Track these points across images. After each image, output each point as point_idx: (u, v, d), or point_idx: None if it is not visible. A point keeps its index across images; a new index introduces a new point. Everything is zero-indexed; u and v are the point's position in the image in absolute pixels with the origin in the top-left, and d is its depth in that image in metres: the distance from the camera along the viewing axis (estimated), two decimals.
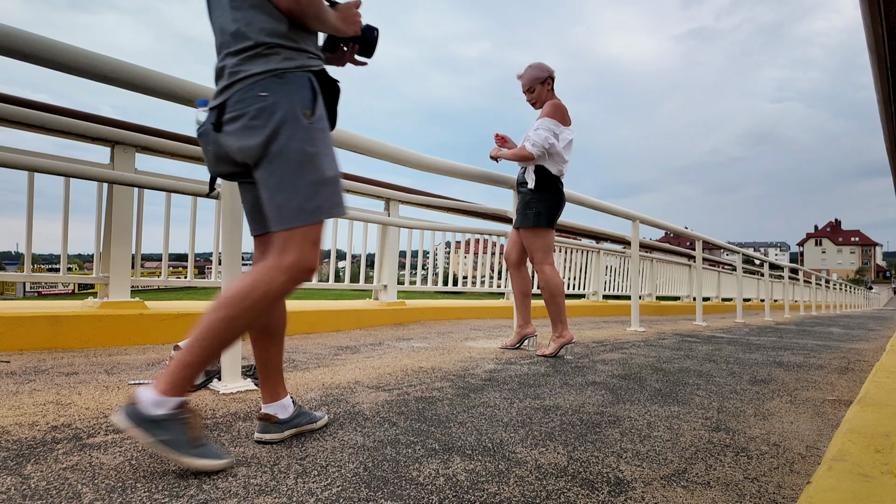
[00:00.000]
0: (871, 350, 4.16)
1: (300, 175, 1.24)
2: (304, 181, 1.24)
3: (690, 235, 6.55)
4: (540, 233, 3.06)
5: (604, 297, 7.65)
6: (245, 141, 1.25)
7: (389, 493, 1.11)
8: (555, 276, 3.05)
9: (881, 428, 1.26)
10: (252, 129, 1.24)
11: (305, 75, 1.28)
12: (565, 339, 3.04)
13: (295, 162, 1.24)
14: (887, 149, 7.53)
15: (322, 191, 1.26)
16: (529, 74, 3.08)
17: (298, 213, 1.24)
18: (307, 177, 1.25)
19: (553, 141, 2.97)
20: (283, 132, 1.23)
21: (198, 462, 1.16)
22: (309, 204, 1.25)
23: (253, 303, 1.21)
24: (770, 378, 2.62)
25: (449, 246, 5.54)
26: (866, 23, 4.16)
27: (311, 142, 1.25)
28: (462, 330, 4.29)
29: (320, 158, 1.26)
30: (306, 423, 1.51)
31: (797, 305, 13.96)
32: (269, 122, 1.23)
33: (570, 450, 1.42)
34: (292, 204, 1.24)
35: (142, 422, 1.14)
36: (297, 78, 1.27)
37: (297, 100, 1.25)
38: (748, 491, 1.19)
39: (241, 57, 1.26)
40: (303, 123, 1.25)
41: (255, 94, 1.24)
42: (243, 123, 1.25)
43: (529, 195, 3.06)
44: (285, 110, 1.23)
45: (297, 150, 1.24)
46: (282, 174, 1.24)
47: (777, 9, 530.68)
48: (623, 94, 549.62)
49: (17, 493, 1.05)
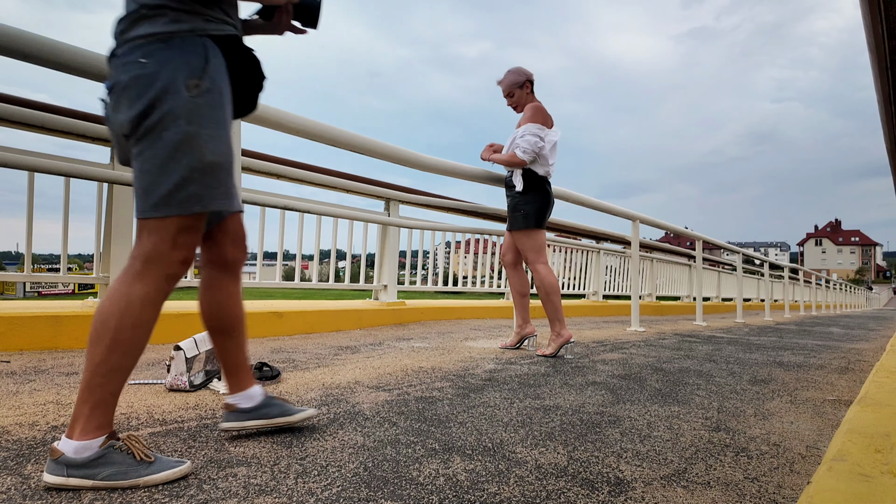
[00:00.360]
0: (871, 350, 4.16)
1: (174, 157, 1.08)
2: (178, 165, 1.08)
3: (690, 235, 6.55)
4: (530, 234, 3.09)
5: (604, 297, 7.65)
6: (120, 114, 1.10)
7: (389, 493, 1.11)
8: (549, 275, 3.08)
9: (881, 428, 1.26)
10: (127, 101, 1.09)
11: (199, 40, 1.11)
12: (564, 338, 3.05)
13: (169, 141, 1.07)
14: (887, 148, 7.53)
15: (201, 178, 1.10)
16: (508, 80, 3.13)
17: (167, 201, 1.09)
18: (182, 160, 1.08)
19: (542, 144, 3.00)
20: (159, 106, 1.07)
21: (156, 477, 1.10)
22: (181, 192, 1.09)
23: (116, 327, 1.08)
24: (770, 378, 2.62)
25: (449, 246, 5.54)
26: (866, 23, 4.16)
27: (191, 119, 1.09)
28: (462, 330, 4.29)
29: (202, 140, 1.10)
30: (278, 414, 1.41)
31: (797, 305, 13.95)
32: (144, 93, 1.07)
33: (570, 450, 1.42)
34: (160, 189, 1.08)
35: (77, 468, 1.05)
36: (185, 43, 1.10)
37: (181, 68, 1.08)
38: (748, 491, 1.19)
39: (127, 22, 1.11)
40: (183, 96, 1.08)
41: (133, 59, 1.08)
42: (119, 94, 1.10)
43: (517, 198, 3.10)
44: (165, 80, 1.07)
45: (172, 127, 1.07)
46: (153, 154, 1.08)
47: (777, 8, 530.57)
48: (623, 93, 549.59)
49: (17, 493, 1.05)
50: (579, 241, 7.19)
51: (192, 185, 1.10)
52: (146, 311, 1.11)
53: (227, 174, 1.15)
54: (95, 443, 1.08)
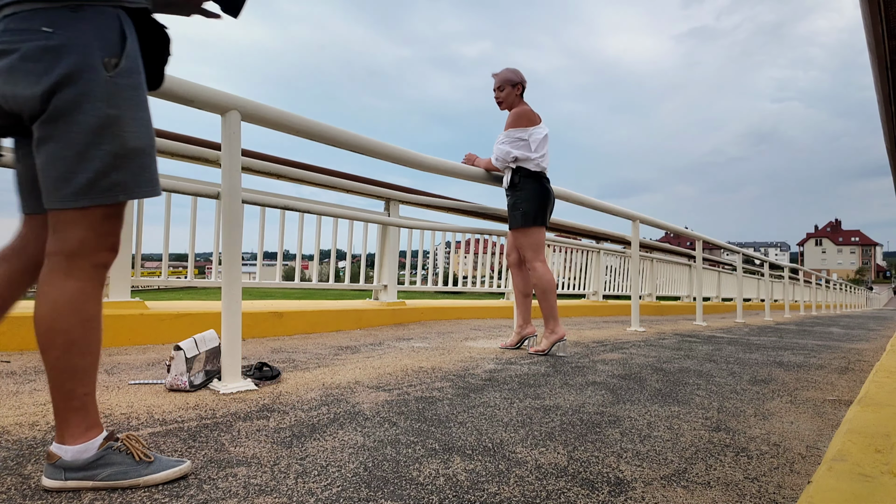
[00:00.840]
0: (871, 350, 4.16)
1: (94, 143, 1.00)
2: (99, 151, 1.00)
3: (690, 235, 6.55)
4: (528, 231, 3.11)
5: (604, 297, 7.64)
6: (15, 87, 0.98)
7: (389, 493, 1.11)
8: (546, 274, 3.10)
9: (881, 428, 1.26)
10: (27, 74, 0.96)
11: (113, 12, 1.01)
12: (558, 335, 3.07)
13: (87, 125, 0.99)
14: (887, 148, 7.53)
15: (125, 164, 1.03)
16: (504, 75, 3.20)
17: (88, 191, 1.01)
18: (104, 146, 1.00)
19: (515, 154, 3.09)
20: (72, 84, 0.97)
21: (156, 477, 1.10)
22: (104, 180, 1.01)
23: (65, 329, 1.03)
24: (770, 378, 2.62)
25: (449, 246, 5.54)
26: (866, 23, 4.17)
27: (112, 100, 1.00)
28: (462, 330, 4.29)
29: (124, 123, 1.02)
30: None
31: (797, 305, 13.95)
32: (52, 69, 0.96)
33: (570, 450, 1.42)
34: (79, 178, 1.00)
35: (76, 471, 1.04)
36: (98, 14, 1.00)
37: (97, 43, 0.99)
38: (748, 491, 1.19)
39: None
40: (102, 76, 0.99)
41: (34, 26, 0.96)
42: (12, 63, 0.97)
43: (515, 196, 3.15)
44: (79, 55, 0.97)
45: (90, 110, 0.98)
46: (68, 139, 0.99)
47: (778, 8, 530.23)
48: (623, 93, 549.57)
49: (17, 493, 1.05)
50: (579, 241, 7.19)
51: (116, 172, 1.02)
52: (89, 306, 1.06)
53: (152, 159, 1.08)
54: (94, 444, 1.07)
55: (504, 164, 3.14)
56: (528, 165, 3.10)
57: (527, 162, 3.10)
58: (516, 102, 3.19)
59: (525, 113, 3.12)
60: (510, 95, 3.18)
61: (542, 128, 3.14)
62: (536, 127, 3.11)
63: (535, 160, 3.09)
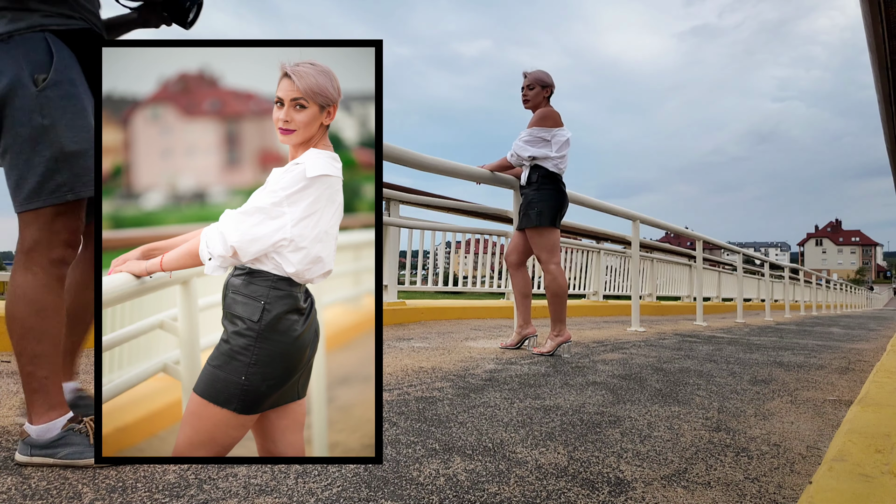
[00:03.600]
0: (872, 350, 4.16)
1: (35, 150, 1.14)
2: (40, 157, 1.14)
3: (691, 235, 6.55)
4: (544, 232, 3.09)
5: (604, 297, 7.65)
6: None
7: (389, 493, 1.11)
8: (560, 276, 3.09)
9: (881, 428, 1.26)
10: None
11: (40, 36, 1.16)
12: (563, 337, 3.06)
13: (26, 136, 1.13)
14: (888, 148, 7.53)
15: (66, 167, 1.15)
16: (537, 75, 3.20)
17: (37, 194, 1.14)
18: (44, 152, 1.14)
19: (533, 152, 3.09)
20: (9, 103, 1.13)
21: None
22: (49, 182, 1.14)
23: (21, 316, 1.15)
24: (770, 378, 2.62)
25: (449, 246, 5.55)
26: (867, 22, 4.17)
27: (41, 112, 1.14)
28: (462, 330, 4.29)
29: (59, 130, 1.15)
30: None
31: (798, 305, 13.95)
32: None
33: (570, 450, 1.42)
34: (29, 184, 1.14)
35: (41, 448, 1.16)
36: (26, 40, 1.15)
37: (25, 64, 1.14)
38: (749, 491, 1.19)
39: None
40: (31, 91, 1.13)
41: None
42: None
43: (532, 195, 3.13)
44: (9, 77, 1.13)
45: (26, 121, 1.13)
46: (16, 150, 1.14)
47: (780, 6, 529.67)
48: (624, 92, 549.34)
49: (17, 492, 1.05)
50: (579, 241, 7.19)
51: (58, 174, 1.15)
52: (44, 297, 1.16)
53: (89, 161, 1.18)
54: (56, 424, 1.17)
55: (519, 159, 3.13)
56: (547, 165, 3.10)
57: (545, 161, 3.09)
58: (543, 104, 3.19)
59: (551, 114, 3.13)
60: (538, 96, 3.18)
61: (566, 131, 3.14)
62: (560, 129, 3.12)
63: (554, 161, 3.09)
